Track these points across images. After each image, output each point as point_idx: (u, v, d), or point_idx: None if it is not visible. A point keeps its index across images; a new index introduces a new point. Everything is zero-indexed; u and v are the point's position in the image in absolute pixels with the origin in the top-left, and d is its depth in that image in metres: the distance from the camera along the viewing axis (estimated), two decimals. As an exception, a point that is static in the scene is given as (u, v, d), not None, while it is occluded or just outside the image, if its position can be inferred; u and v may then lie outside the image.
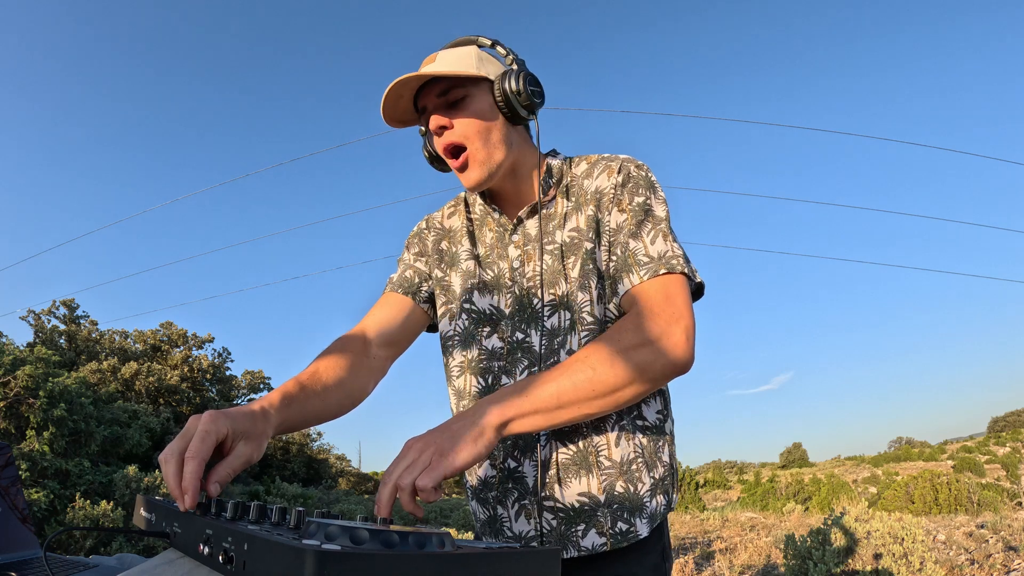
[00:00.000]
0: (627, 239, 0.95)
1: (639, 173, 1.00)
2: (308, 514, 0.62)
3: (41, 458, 7.34)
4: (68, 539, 5.68)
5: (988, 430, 49.48)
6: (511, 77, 0.96)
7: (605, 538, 0.92)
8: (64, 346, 15.03)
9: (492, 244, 1.08)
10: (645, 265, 0.91)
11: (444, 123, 0.97)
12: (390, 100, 0.98)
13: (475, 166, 0.99)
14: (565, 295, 0.98)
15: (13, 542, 1.13)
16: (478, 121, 0.97)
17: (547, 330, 0.99)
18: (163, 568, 0.61)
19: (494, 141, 0.99)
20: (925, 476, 10.34)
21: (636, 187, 0.98)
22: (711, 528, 9.19)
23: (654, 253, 0.92)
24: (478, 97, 0.98)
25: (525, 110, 0.98)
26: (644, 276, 0.91)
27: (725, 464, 37.70)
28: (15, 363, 7.99)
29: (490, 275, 1.07)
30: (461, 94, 0.97)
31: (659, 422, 1.00)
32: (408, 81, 0.95)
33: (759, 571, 5.71)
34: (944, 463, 25.30)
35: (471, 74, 0.97)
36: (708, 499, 19.62)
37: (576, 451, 0.95)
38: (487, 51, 1.03)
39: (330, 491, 18.91)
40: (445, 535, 0.53)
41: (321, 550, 0.41)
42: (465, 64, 0.98)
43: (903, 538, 4.44)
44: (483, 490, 1.02)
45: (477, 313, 1.06)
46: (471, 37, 1.05)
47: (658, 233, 0.94)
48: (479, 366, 1.03)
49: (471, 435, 0.74)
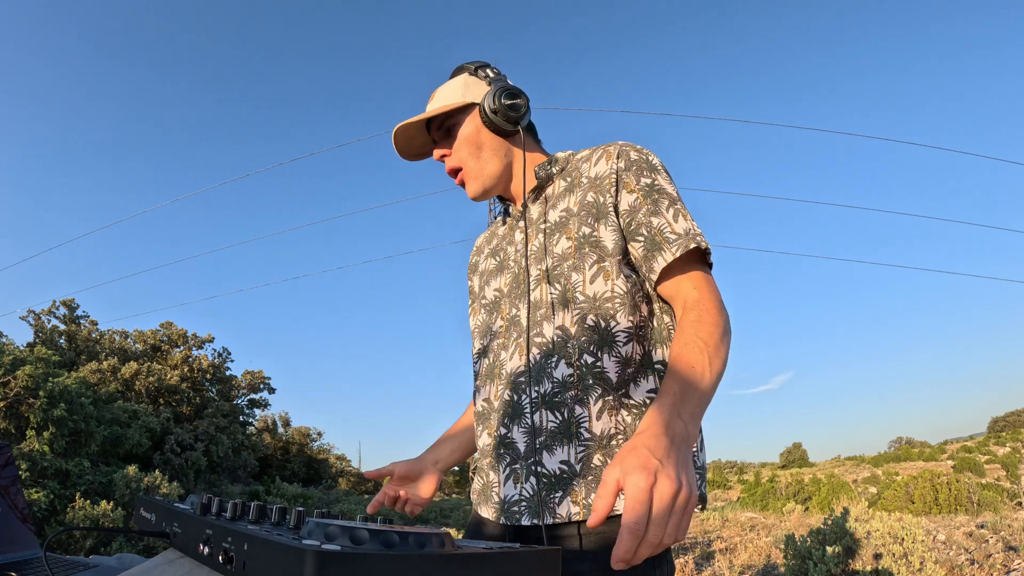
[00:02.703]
0: (648, 218, 1.00)
1: (640, 156, 1.05)
2: (308, 514, 0.62)
3: (41, 458, 7.35)
4: (68, 539, 5.68)
5: (988, 430, 49.49)
6: (488, 97, 1.09)
7: (579, 508, 0.94)
8: (64, 346, 15.04)
9: (504, 234, 1.21)
10: (675, 242, 0.97)
11: (443, 152, 1.14)
12: (401, 141, 1.15)
13: (470, 181, 1.13)
14: (547, 269, 1.06)
15: (13, 542, 1.14)
16: (467, 144, 1.12)
17: (532, 302, 1.06)
18: (163, 568, 0.61)
19: (486, 157, 1.12)
20: (925, 476, 10.34)
21: (640, 169, 1.03)
22: (711, 528, 9.19)
23: (680, 230, 0.98)
24: (465, 122, 1.12)
25: (508, 123, 1.09)
26: (676, 252, 0.96)
27: (725, 464, 37.70)
28: (15, 363, 7.99)
29: (495, 262, 1.20)
30: (450, 123, 1.13)
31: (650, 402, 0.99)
32: (408, 127, 1.13)
33: (759, 571, 5.71)
34: (944, 463, 25.32)
35: (455, 105, 1.11)
36: (708, 499, 19.58)
37: (561, 420, 0.98)
38: (472, 75, 1.15)
39: (330, 491, 18.91)
40: (445, 535, 0.54)
41: (321, 550, 0.41)
42: (452, 96, 1.13)
43: (903, 538, 4.45)
44: (480, 459, 1.11)
45: (487, 302, 1.18)
46: (463, 65, 1.18)
47: (678, 211, 1.00)
48: (485, 347, 1.15)
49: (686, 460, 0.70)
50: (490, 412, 1.09)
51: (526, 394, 1.01)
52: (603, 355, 0.97)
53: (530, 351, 1.03)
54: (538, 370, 1.01)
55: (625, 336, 0.99)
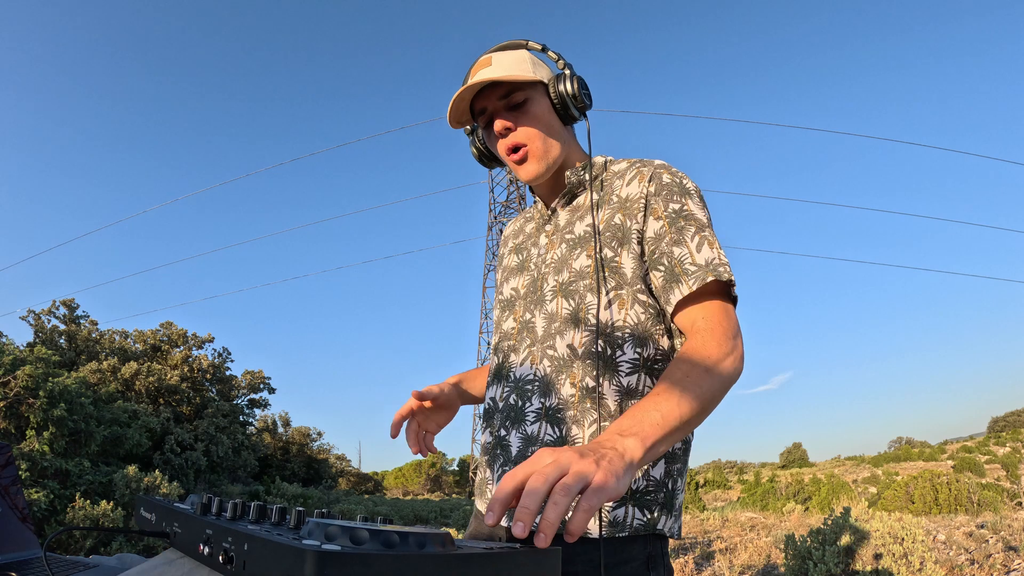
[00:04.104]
0: (670, 247, 0.97)
1: (673, 180, 1.01)
2: (308, 514, 0.62)
3: (41, 458, 7.35)
4: (68, 539, 5.68)
5: (988, 430, 49.49)
6: (565, 80, 1.05)
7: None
8: (64, 346, 15.04)
9: (530, 233, 1.20)
10: (693, 274, 0.93)
11: (509, 125, 1.06)
12: (456, 102, 1.06)
13: (533, 160, 1.07)
14: (564, 284, 1.04)
15: (13, 542, 1.14)
16: (538, 122, 1.06)
17: (548, 313, 1.05)
18: (163, 568, 0.61)
19: (551, 140, 1.07)
20: (925, 476, 10.33)
21: (670, 194, 1.00)
22: (711, 528, 9.19)
23: (701, 260, 0.94)
24: (537, 100, 1.06)
25: (578, 111, 1.07)
26: (693, 286, 0.92)
27: (725, 464, 37.71)
28: (15, 363, 7.99)
29: (517, 261, 1.19)
30: (522, 97, 1.05)
31: None
32: (474, 85, 1.03)
33: (759, 571, 5.71)
34: (944, 463, 25.31)
35: (530, 78, 1.04)
36: (708, 499, 19.63)
37: (557, 435, 0.98)
38: (538, 55, 1.11)
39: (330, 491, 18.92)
40: (445, 535, 0.54)
41: (321, 550, 0.41)
42: (522, 68, 1.06)
43: (903, 538, 4.45)
44: (481, 455, 1.12)
45: (503, 299, 1.18)
46: (520, 41, 1.11)
47: (703, 240, 0.96)
48: (498, 345, 1.15)
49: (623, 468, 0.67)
50: (494, 412, 1.09)
51: (530, 403, 1.02)
52: (604, 381, 0.96)
53: (541, 361, 1.02)
54: (545, 383, 1.01)
55: (630, 367, 0.97)
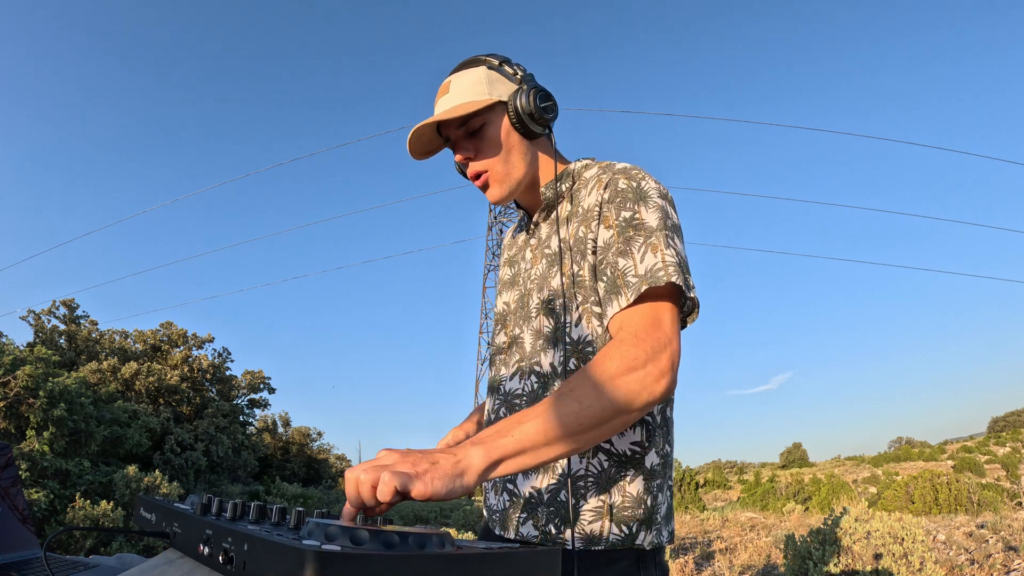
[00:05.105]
0: (615, 258, 0.93)
1: (628, 186, 0.97)
2: (308, 514, 0.62)
3: (41, 458, 7.35)
4: (68, 539, 5.68)
5: (988, 430, 49.50)
6: (521, 96, 1.00)
7: (537, 532, 0.96)
8: (64, 346, 15.04)
9: (521, 246, 1.19)
10: (632, 285, 0.89)
11: (468, 155, 1.04)
12: (414, 139, 1.04)
13: (495, 185, 1.05)
14: (546, 301, 1.04)
15: (13, 542, 1.14)
16: (495, 146, 1.03)
17: (534, 330, 1.05)
18: (163, 568, 0.61)
19: (513, 160, 1.04)
20: (925, 476, 10.34)
21: (624, 201, 0.96)
22: (711, 528, 9.19)
23: (642, 270, 0.89)
24: (494, 122, 1.03)
25: (539, 126, 1.02)
26: (631, 297, 0.88)
27: (725, 464, 37.72)
28: (15, 363, 7.99)
29: (510, 274, 1.19)
30: (479, 123, 1.03)
31: (633, 454, 0.94)
32: (423, 127, 1.02)
33: (759, 571, 5.71)
34: (944, 463, 25.33)
35: (483, 103, 1.00)
36: (708, 499, 19.63)
37: None
38: (496, 71, 1.05)
39: (330, 491, 18.91)
40: (445, 535, 0.54)
41: (321, 551, 0.42)
42: (477, 91, 1.02)
43: (903, 538, 4.45)
44: None
45: (497, 312, 1.19)
46: (479, 57, 1.07)
47: (647, 246, 0.90)
48: (492, 358, 1.16)
49: (451, 472, 0.68)
50: (487, 424, 1.11)
51: None
52: None
53: (529, 376, 1.02)
54: (533, 398, 1.01)
55: None
